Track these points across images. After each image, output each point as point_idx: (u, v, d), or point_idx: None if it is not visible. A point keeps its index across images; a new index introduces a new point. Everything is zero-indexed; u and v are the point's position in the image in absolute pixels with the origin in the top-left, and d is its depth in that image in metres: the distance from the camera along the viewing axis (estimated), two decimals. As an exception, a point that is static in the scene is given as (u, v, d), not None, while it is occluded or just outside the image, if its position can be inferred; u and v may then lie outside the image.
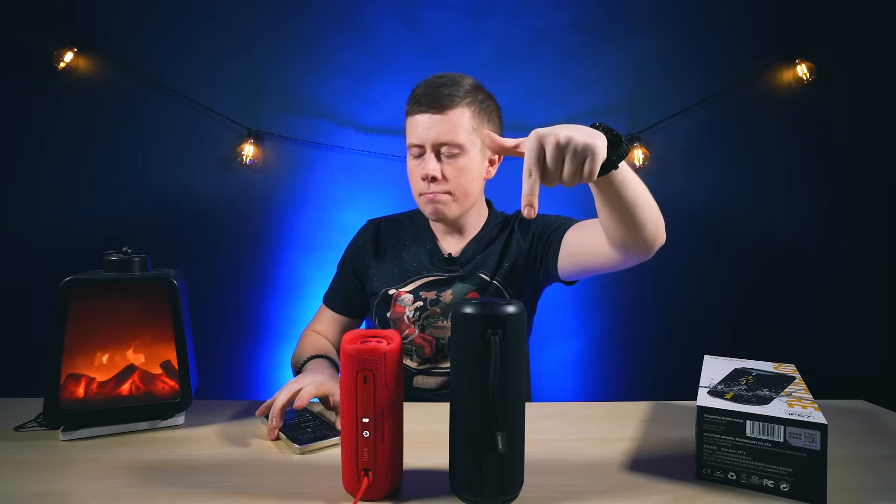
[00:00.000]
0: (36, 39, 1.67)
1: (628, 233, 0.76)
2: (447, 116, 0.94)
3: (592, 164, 0.58)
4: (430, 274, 1.03)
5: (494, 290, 1.01)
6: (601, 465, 0.65)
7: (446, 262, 1.03)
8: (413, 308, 1.00)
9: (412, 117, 0.97)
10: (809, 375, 0.77)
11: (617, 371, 1.88)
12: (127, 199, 1.74)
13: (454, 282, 1.01)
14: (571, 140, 0.57)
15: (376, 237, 1.10)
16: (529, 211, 0.57)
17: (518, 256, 1.02)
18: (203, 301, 1.69)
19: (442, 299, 1.00)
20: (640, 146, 1.80)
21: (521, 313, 0.54)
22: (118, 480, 0.60)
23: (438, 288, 1.01)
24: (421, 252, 1.05)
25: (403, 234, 1.09)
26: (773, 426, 0.56)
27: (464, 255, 1.04)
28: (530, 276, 1.03)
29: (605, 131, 0.63)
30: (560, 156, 0.58)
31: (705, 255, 1.87)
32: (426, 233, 1.07)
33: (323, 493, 0.57)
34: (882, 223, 1.87)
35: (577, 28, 1.82)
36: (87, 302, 0.72)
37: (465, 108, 0.96)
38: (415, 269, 1.03)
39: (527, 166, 0.58)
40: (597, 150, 0.58)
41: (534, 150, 0.58)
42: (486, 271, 1.02)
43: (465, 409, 0.54)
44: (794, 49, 1.82)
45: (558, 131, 0.57)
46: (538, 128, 0.59)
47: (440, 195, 0.97)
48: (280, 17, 1.77)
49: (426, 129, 0.95)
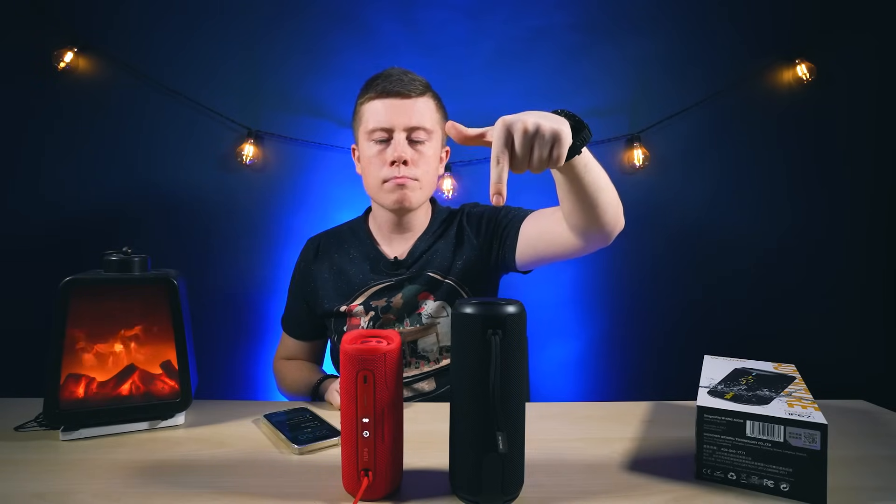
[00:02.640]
0: (36, 39, 1.67)
1: (590, 218, 0.76)
2: (416, 102, 0.95)
3: (559, 150, 0.58)
4: (377, 282, 1.01)
5: (448, 288, 0.99)
6: (601, 465, 0.65)
7: (392, 267, 1.02)
8: (367, 319, 0.99)
9: (374, 102, 0.96)
10: (809, 375, 0.77)
11: (617, 371, 1.88)
12: (127, 199, 1.74)
13: (403, 285, 1.00)
14: (539, 126, 0.57)
15: (317, 256, 1.08)
16: (498, 199, 0.56)
17: (471, 252, 1.01)
18: (203, 301, 1.69)
19: (393, 304, 0.99)
20: (640, 146, 1.80)
21: (521, 313, 0.54)
22: (118, 480, 0.60)
23: (388, 294, 1.00)
24: (364, 262, 1.03)
25: (346, 246, 1.07)
26: (773, 426, 0.56)
27: (410, 257, 1.02)
28: (486, 268, 1.02)
29: (568, 117, 0.63)
30: (529, 143, 0.58)
31: (705, 255, 1.87)
32: (368, 241, 1.05)
33: (323, 493, 0.57)
34: (882, 223, 1.87)
35: (577, 28, 1.82)
36: (87, 302, 0.72)
37: (430, 98, 0.98)
38: (361, 281, 1.01)
39: (494, 154, 0.57)
40: (563, 135, 0.58)
41: (501, 138, 0.57)
42: (437, 270, 1.00)
43: (465, 409, 0.54)
44: (794, 49, 1.82)
45: (525, 118, 0.57)
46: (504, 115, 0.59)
47: (409, 180, 0.95)
48: (280, 17, 1.77)
49: (396, 112, 0.94)
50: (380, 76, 0.97)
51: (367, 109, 0.97)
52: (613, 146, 1.83)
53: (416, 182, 0.96)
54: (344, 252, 1.06)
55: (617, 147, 1.84)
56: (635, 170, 1.81)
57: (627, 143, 1.83)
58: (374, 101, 0.96)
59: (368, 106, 0.97)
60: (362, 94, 0.99)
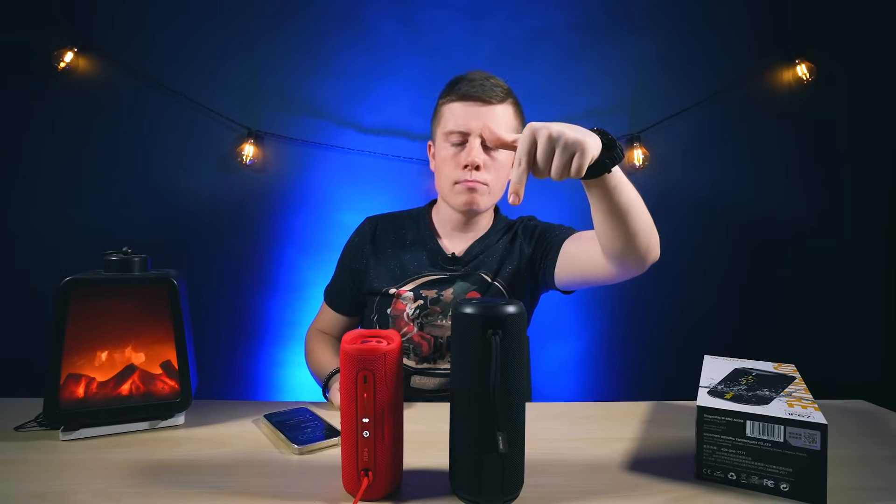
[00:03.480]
0: (36, 39, 1.67)
1: (620, 241, 0.76)
2: (495, 109, 0.95)
3: (581, 160, 0.60)
4: (431, 273, 1.03)
5: (496, 290, 1.01)
6: (601, 465, 0.65)
7: (449, 262, 1.03)
8: (414, 306, 1.00)
9: (454, 104, 0.96)
10: (809, 375, 0.77)
11: (617, 371, 1.88)
12: (127, 199, 1.74)
13: (455, 280, 1.02)
14: (563, 135, 0.59)
15: (374, 236, 1.09)
16: (514, 199, 0.60)
17: (522, 261, 1.03)
18: (203, 301, 1.69)
19: (443, 298, 1.00)
20: (640, 146, 1.80)
21: (521, 313, 0.54)
22: (118, 480, 0.60)
23: (439, 287, 1.01)
24: (422, 251, 1.05)
25: (404, 232, 1.08)
26: (773, 426, 0.56)
27: (468, 255, 1.04)
28: (530, 281, 1.04)
29: (601, 134, 0.64)
30: (550, 149, 0.60)
31: (705, 256, 1.87)
32: (427, 232, 1.07)
33: (323, 493, 0.57)
34: (882, 222, 1.87)
35: (577, 28, 1.82)
36: (87, 302, 0.72)
37: (510, 105, 0.98)
38: (415, 269, 1.03)
39: (517, 156, 0.61)
40: (586, 146, 0.60)
41: (526, 142, 0.60)
42: (487, 271, 1.02)
43: (465, 409, 0.54)
44: (794, 49, 1.82)
45: (551, 126, 0.60)
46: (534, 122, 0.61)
47: (480, 184, 0.96)
48: (280, 17, 1.77)
49: (474, 117, 0.94)
50: (463, 78, 0.97)
51: (446, 110, 0.98)
52: (613, 146, 1.83)
53: (485, 187, 0.97)
54: (401, 237, 1.08)
55: (617, 147, 1.84)
56: (635, 170, 1.80)
57: (627, 143, 1.83)
58: (454, 104, 0.96)
59: (448, 107, 0.97)
60: (444, 93, 1.00)
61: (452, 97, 0.97)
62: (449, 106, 0.98)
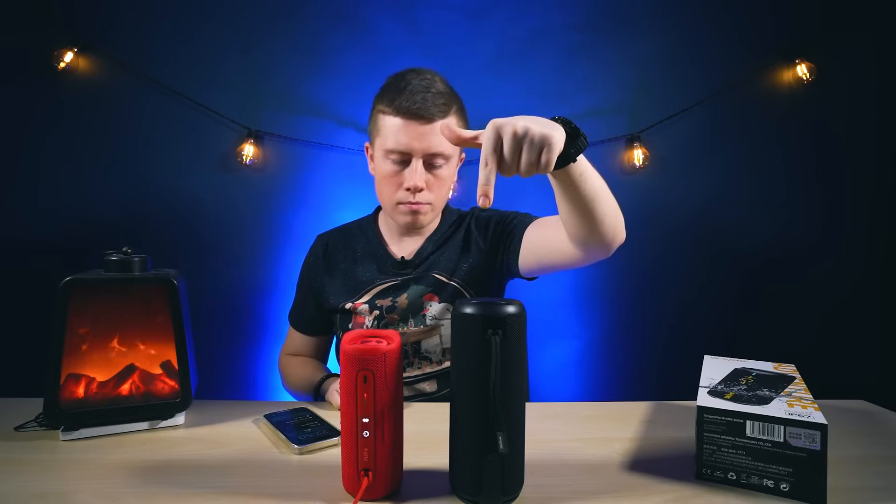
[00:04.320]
0: (36, 39, 1.67)
1: (587, 228, 0.75)
2: (437, 126, 0.90)
3: (549, 155, 0.58)
4: (383, 281, 1.01)
5: (453, 290, 0.99)
6: (601, 465, 0.65)
7: (399, 267, 1.02)
8: (371, 318, 0.99)
9: (393, 119, 0.91)
10: (809, 375, 0.77)
11: (617, 371, 1.88)
12: (127, 199, 1.74)
13: (409, 284, 1.00)
14: (528, 130, 0.57)
15: (326, 253, 1.08)
16: (484, 201, 0.57)
17: (478, 255, 1.01)
18: (203, 301, 1.69)
19: (398, 304, 0.99)
20: (640, 146, 1.80)
21: (521, 313, 0.54)
22: (118, 480, 0.60)
23: (393, 294, 1.00)
24: (372, 261, 1.03)
25: (354, 244, 1.07)
26: (773, 426, 0.56)
27: (418, 257, 1.02)
28: (492, 273, 1.02)
29: (564, 123, 0.63)
30: (517, 146, 0.58)
31: (705, 255, 1.87)
32: (376, 240, 1.05)
33: (323, 493, 0.57)
34: (882, 223, 1.87)
35: (577, 28, 1.82)
36: (87, 302, 0.72)
37: (452, 115, 0.94)
38: (368, 279, 1.02)
39: (483, 156, 0.58)
40: (553, 140, 0.58)
41: (491, 140, 0.58)
42: (442, 271, 1.00)
43: (465, 409, 0.54)
44: (794, 49, 1.82)
45: (515, 121, 0.58)
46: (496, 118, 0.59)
47: (423, 205, 0.95)
48: (280, 17, 1.77)
49: (416, 137, 0.91)
50: (403, 88, 0.91)
51: (386, 124, 0.93)
52: (613, 146, 1.83)
53: (428, 206, 0.96)
54: (352, 249, 1.07)
55: (617, 147, 1.84)
56: (635, 170, 1.80)
57: (627, 143, 1.83)
58: (394, 119, 0.91)
59: (388, 121, 0.92)
60: (382, 98, 0.94)
61: (392, 111, 0.91)
62: (388, 120, 0.92)
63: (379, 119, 0.95)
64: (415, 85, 0.91)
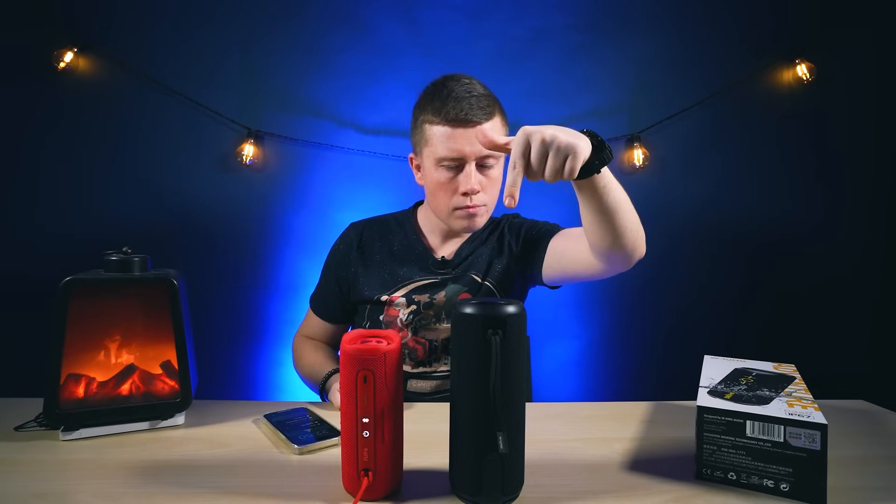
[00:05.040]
0: (36, 39, 1.67)
1: (608, 239, 0.77)
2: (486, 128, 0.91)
3: (573, 163, 0.62)
4: (423, 278, 1.02)
5: (487, 290, 1.01)
6: (601, 465, 0.65)
7: (439, 266, 1.03)
8: (407, 311, 1.00)
9: (443, 128, 0.92)
10: (809, 376, 0.77)
11: (617, 371, 1.88)
12: (127, 199, 1.74)
13: (447, 283, 1.02)
14: (556, 138, 0.61)
15: (361, 243, 1.08)
16: (510, 201, 0.61)
17: (510, 259, 1.03)
18: (203, 301, 1.69)
19: (435, 301, 1.00)
20: (640, 146, 1.80)
21: (521, 313, 0.54)
22: (118, 480, 0.60)
23: (431, 291, 1.01)
24: (411, 256, 1.04)
25: (391, 237, 1.07)
26: (773, 426, 0.56)
27: (457, 257, 1.04)
28: (519, 278, 1.04)
29: (590, 136, 0.66)
30: (544, 152, 0.62)
31: (705, 255, 1.87)
32: (415, 236, 1.06)
33: (323, 493, 0.57)
34: (882, 223, 1.87)
35: (577, 28, 1.82)
36: (87, 302, 0.72)
37: (497, 117, 0.95)
38: (406, 274, 1.02)
39: (512, 159, 0.63)
40: (578, 149, 0.62)
41: (520, 145, 0.62)
42: (477, 272, 1.02)
43: (465, 409, 0.54)
44: (794, 49, 1.82)
45: (544, 129, 0.62)
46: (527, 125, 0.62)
47: (479, 207, 0.96)
48: (280, 17, 1.77)
49: (467, 142, 0.91)
50: (448, 97, 0.91)
51: (434, 134, 0.93)
52: (613, 146, 1.83)
53: (484, 207, 0.97)
54: (388, 243, 1.07)
55: (617, 147, 1.84)
56: (635, 170, 1.81)
57: (627, 143, 1.83)
58: (442, 128, 0.92)
59: (436, 130, 0.93)
60: (427, 111, 0.94)
61: (439, 120, 0.92)
62: (436, 130, 0.93)
63: (426, 129, 0.96)
64: (458, 92, 0.92)
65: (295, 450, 0.67)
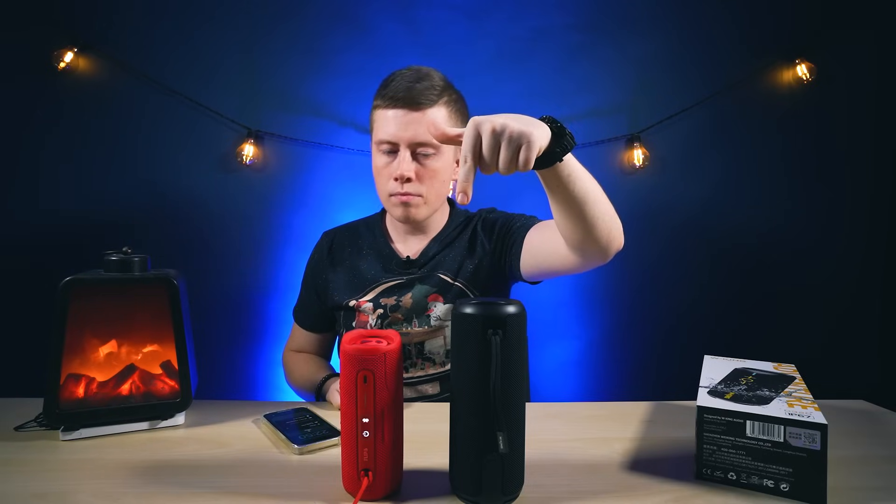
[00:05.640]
0: (36, 39, 1.67)
1: (580, 231, 0.74)
2: (426, 114, 0.91)
3: (528, 153, 0.58)
4: (388, 279, 1.01)
5: (458, 291, 0.99)
6: (601, 465, 0.65)
7: (404, 266, 1.01)
8: (374, 316, 0.99)
9: (383, 111, 0.93)
10: (809, 375, 0.77)
11: (617, 371, 1.88)
12: (127, 199, 1.74)
13: (413, 284, 0.99)
14: (507, 127, 0.57)
15: (331, 250, 1.08)
16: (463, 198, 0.58)
17: (483, 257, 1.01)
18: (203, 301, 1.69)
19: (402, 304, 0.98)
20: (640, 146, 1.80)
21: (521, 313, 0.54)
22: (118, 480, 0.60)
23: (398, 293, 0.99)
24: (377, 258, 1.03)
25: (360, 242, 1.07)
26: (773, 426, 0.56)
27: (423, 256, 1.02)
28: (497, 275, 1.01)
29: (549, 122, 0.63)
30: (495, 143, 0.58)
31: (705, 255, 1.87)
32: (382, 238, 1.05)
33: (323, 493, 0.57)
34: (882, 223, 1.87)
35: (577, 28, 1.82)
36: (87, 302, 0.72)
37: (441, 106, 0.93)
38: (372, 277, 1.01)
39: (463, 153, 0.58)
40: (532, 137, 0.58)
41: (470, 137, 0.58)
42: (447, 272, 1.00)
43: (465, 409, 0.54)
44: (794, 49, 1.82)
45: (494, 119, 0.58)
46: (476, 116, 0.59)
47: (413, 197, 0.94)
48: (280, 17, 1.77)
49: (402, 126, 0.91)
50: (393, 78, 0.93)
51: (378, 116, 0.94)
52: (613, 146, 1.83)
53: (419, 198, 0.95)
54: (357, 247, 1.07)
55: (617, 147, 1.84)
56: (635, 170, 1.80)
57: (627, 143, 1.83)
58: (384, 110, 0.92)
59: (379, 113, 0.94)
60: (377, 95, 0.95)
61: (380, 102, 0.92)
62: (380, 112, 0.93)
63: (373, 115, 0.97)
64: (405, 75, 0.93)
65: (295, 450, 0.67)
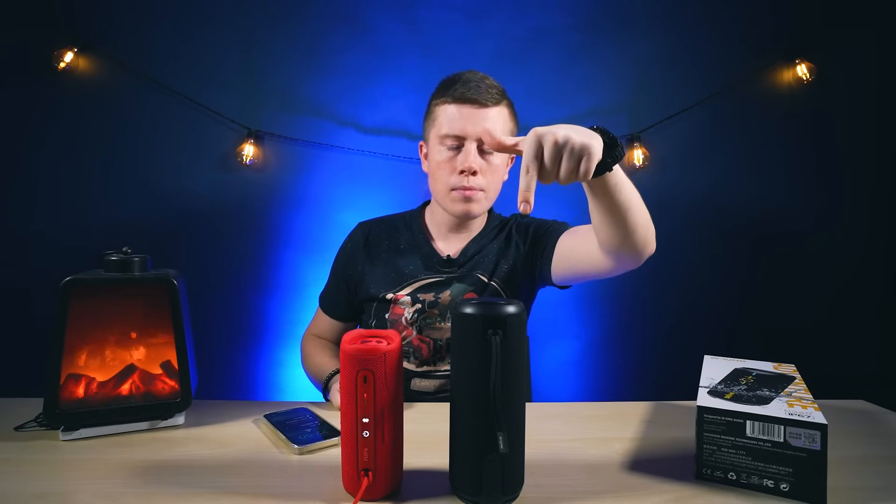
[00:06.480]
0: (36, 39, 1.67)
1: (619, 237, 0.76)
2: (490, 111, 0.94)
3: (588, 164, 0.60)
4: (427, 276, 1.02)
5: (493, 290, 1.01)
6: (601, 465, 0.65)
7: (444, 264, 1.03)
8: (412, 310, 1.00)
9: (449, 106, 0.95)
10: (809, 375, 0.77)
11: (617, 371, 1.88)
12: (127, 199, 1.74)
13: (452, 282, 1.01)
14: (569, 139, 0.59)
15: (367, 242, 1.09)
16: (525, 207, 0.59)
17: (517, 259, 1.03)
18: (203, 301, 1.69)
19: (440, 300, 1.00)
20: (640, 146, 1.80)
21: (521, 313, 0.54)
22: (118, 480, 0.60)
23: (436, 289, 1.01)
24: (417, 255, 1.04)
25: (397, 236, 1.08)
26: (773, 426, 0.56)
27: (463, 256, 1.04)
28: (527, 278, 1.04)
29: (602, 133, 0.64)
30: (557, 154, 0.60)
31: (705, 255, 1.87)
32: (421, 235, 1.06)
33: (323, 493, 0.57)
34: (882, 223, 1.87)
35: (577, 28, 1.82)
36: (87, 302, 0.72)
37: (504, 107, 0.97)
38: (411, 273, 1.03)
39: (525, 163, 0.60)
40: (593, 150, 0.60)
41: (532, 148, 0.60)
42: (483, 271, 1.02)
43: (465, 409, 0.54)
44: (794, 49, 1.82)
45: (556, 130, 0.59)
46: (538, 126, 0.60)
47: (476, 191, 0.96)
48: (280, 17, 1.77)
49: (470, 121, 0.93)
50: (458, 79, 0.96)
51: (441, 112, 0.97)
52: (613, 146, 1.83)
53: (482, 192, 0.97)
54: (395, 241, 1.07)
55: (617, 147, 1.84)
56: (635, 170, 1.80)
57: (627, 143, 1.83)
58: (448, 106, 0.95)
59: (443, 109, 0.96)
60: (438, 94, 0.98)
61: (447, 99, 0.96)
62: (443, 108, 0.96)
63: (434, 111, 0.99)
64: (469, 76, 0.96)
65: (295, 450, 0.67)
